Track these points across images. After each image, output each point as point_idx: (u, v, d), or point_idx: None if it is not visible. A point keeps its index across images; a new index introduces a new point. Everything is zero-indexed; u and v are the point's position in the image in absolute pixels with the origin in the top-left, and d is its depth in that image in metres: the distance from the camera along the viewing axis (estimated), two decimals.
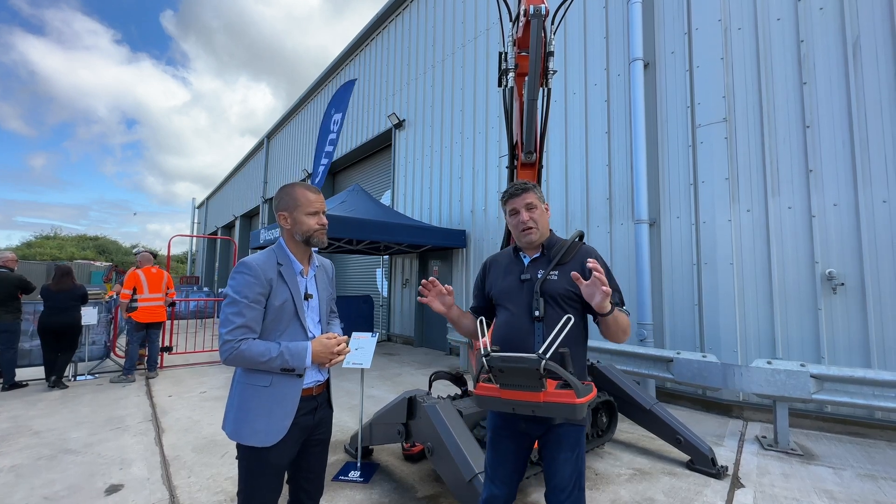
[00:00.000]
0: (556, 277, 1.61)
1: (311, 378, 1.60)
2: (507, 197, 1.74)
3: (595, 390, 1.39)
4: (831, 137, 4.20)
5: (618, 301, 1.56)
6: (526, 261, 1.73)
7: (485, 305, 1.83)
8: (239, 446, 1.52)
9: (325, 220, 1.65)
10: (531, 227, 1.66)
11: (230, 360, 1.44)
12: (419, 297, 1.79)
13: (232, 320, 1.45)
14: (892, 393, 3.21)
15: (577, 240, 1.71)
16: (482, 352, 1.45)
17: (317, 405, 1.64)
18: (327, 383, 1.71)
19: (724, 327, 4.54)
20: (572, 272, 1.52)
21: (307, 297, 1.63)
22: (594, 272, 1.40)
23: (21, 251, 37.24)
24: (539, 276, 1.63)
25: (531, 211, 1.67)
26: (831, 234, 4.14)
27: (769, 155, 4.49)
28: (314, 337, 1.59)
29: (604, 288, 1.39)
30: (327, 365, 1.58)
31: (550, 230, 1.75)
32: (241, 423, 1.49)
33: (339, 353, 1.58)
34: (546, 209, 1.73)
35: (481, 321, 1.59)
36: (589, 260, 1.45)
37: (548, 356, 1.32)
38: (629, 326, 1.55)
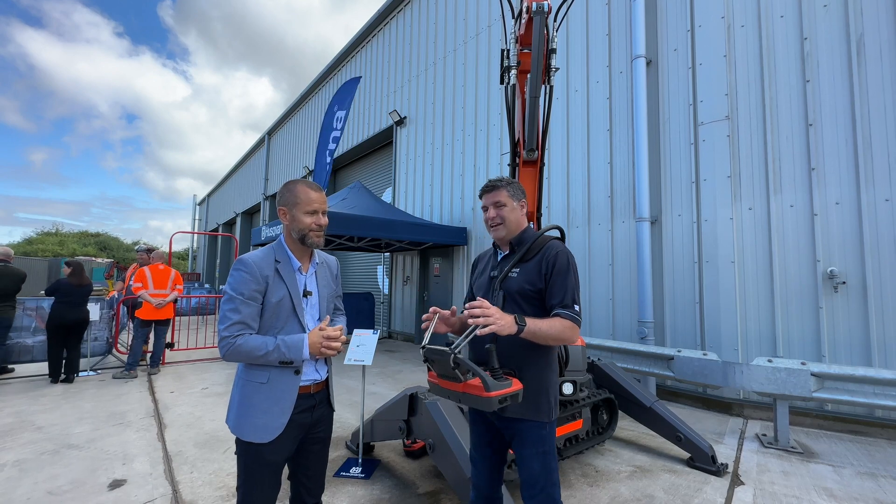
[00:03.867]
0: (515, 275, 1.64)
1: (308, 376, 1.61)
2: (481, 193, 1.79)
3: (515, 385, 1.42)
4: (834, 135, 4.19)
5: (560, 302, 1.54)
6: (499, 257, 1.77)
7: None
8: (238, 441, 1.54)
9: (323, 221, 1.62)
10: (498, 224, 1.70)
11: (228, 355, 1.47)
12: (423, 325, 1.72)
13: (229, 317, 1.47)
14: (893, 391, 3.21)
15: (549, 234, 1.72)
16: (421, 343, 1.55)
17: (315, 403, 1.64)
18: (327, 382, 1.71)
19: (724, 325, 4.54)
20: (481, 289, 1.52)
21: (306, 294, 1.63)
22: (470, 316, 1.39)
23: (22, 247, 37.33)
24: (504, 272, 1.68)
25: (499, 208, 1.70)
26: (833, 233, 4.13)
27: (771, 153, 4.48)
28: None
29: (494, 326, 1.36)
30: (322, 354, 1.55)
31: (529, 226, 1.77)
32: (242, 418, 1.52)
33: (332, 340, 1.55)
34: (521, 206, 1.73)
35: (437, 316, 1.70)
36: (470, 306, 1.41)
37: (457, 350, 1.41)
38: (563, 332, 1.49)
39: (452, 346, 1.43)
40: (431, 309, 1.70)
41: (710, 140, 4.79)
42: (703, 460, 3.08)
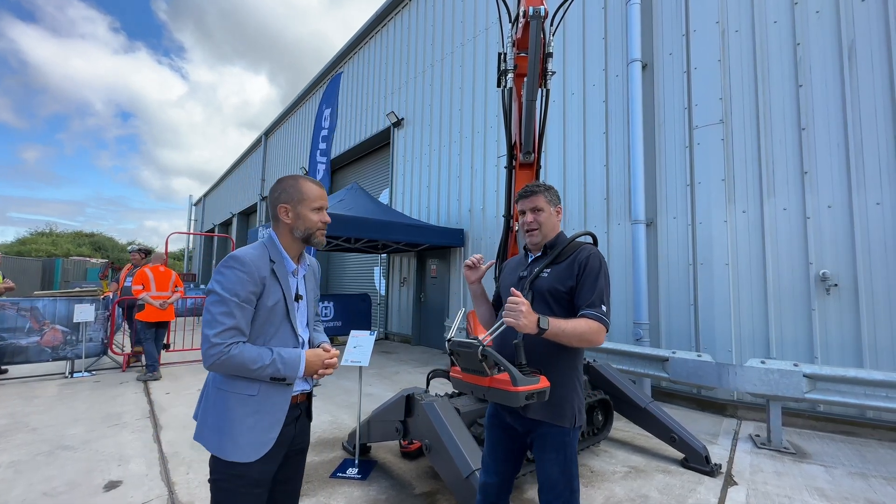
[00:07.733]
0: (546, 275, 1.68)
1: (299, 386, 1.50)
2: (519, 198, 1.82)
3: (543, 383, 1.40)
4: (826, 140, 4.24)
5: (587, 303, 1.57)
6: (530, 259, 1.81)
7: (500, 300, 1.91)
8: (215, 462, 1.36)
9: (328, 218, 1.54)
10: (534, 229, 1.74)
11: (218, 365, 1.30)
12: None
13: (221, 321, 1.30)
14: (884, 392, 3.25)
15: (581, 239, 1.75)
16: (446, 336, 1.58)
17: (299, 414, 1.53)
18: (310, 392, 1.64)
19: (719, 327, 4.58)
20: (511, 287, 1.56)
21: (297, 298, 1.52)
22: (507, 301, 1.43)
23: (15, 247, 36.96)
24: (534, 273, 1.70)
25: (537, 213, 1.74)
26: (825, 236, 4.18)
27: (765, 156, 4.53)
28: (303, 341, 1.52)
29: (512, 320, 1.39)
30: (319, 375, 1.49)
31: (561, 231, 1.81)
32: (224, 435, 1.34)
33: (329, 366, 1.49)
34: (557, 212, 1.78)
35: (463, 311, 1.84)
36: (511, 290, 1.47)
37: (485, 342, 1.41)
38: (589, 333, 1.49)
39: (481, 339, 1.42)
40: (476, 257, 1.79)
41: (705, 143, 4.84)
42: (697, 461, 3.11)
